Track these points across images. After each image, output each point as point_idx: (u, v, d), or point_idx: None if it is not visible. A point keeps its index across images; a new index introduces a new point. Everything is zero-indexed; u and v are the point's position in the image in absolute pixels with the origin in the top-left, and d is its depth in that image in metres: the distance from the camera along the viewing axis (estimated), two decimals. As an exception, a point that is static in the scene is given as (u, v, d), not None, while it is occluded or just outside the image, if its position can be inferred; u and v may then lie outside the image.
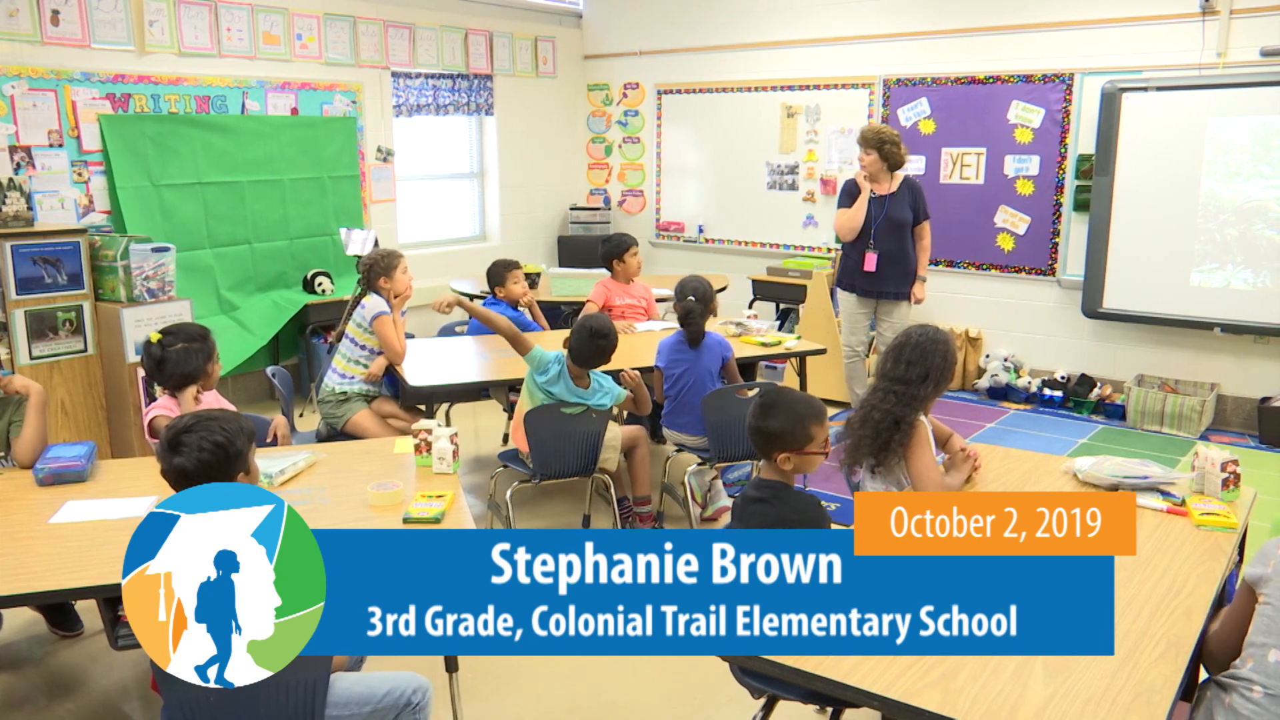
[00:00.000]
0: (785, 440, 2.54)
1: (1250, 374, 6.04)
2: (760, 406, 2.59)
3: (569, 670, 3.33)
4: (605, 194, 8.80)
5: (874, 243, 5.45)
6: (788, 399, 2.61)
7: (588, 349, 3.88)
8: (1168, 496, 2.86)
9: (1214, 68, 5.87)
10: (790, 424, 2.54)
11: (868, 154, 5.42)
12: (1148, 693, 1.88)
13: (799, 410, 2.57)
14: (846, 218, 5.50)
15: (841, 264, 5.73)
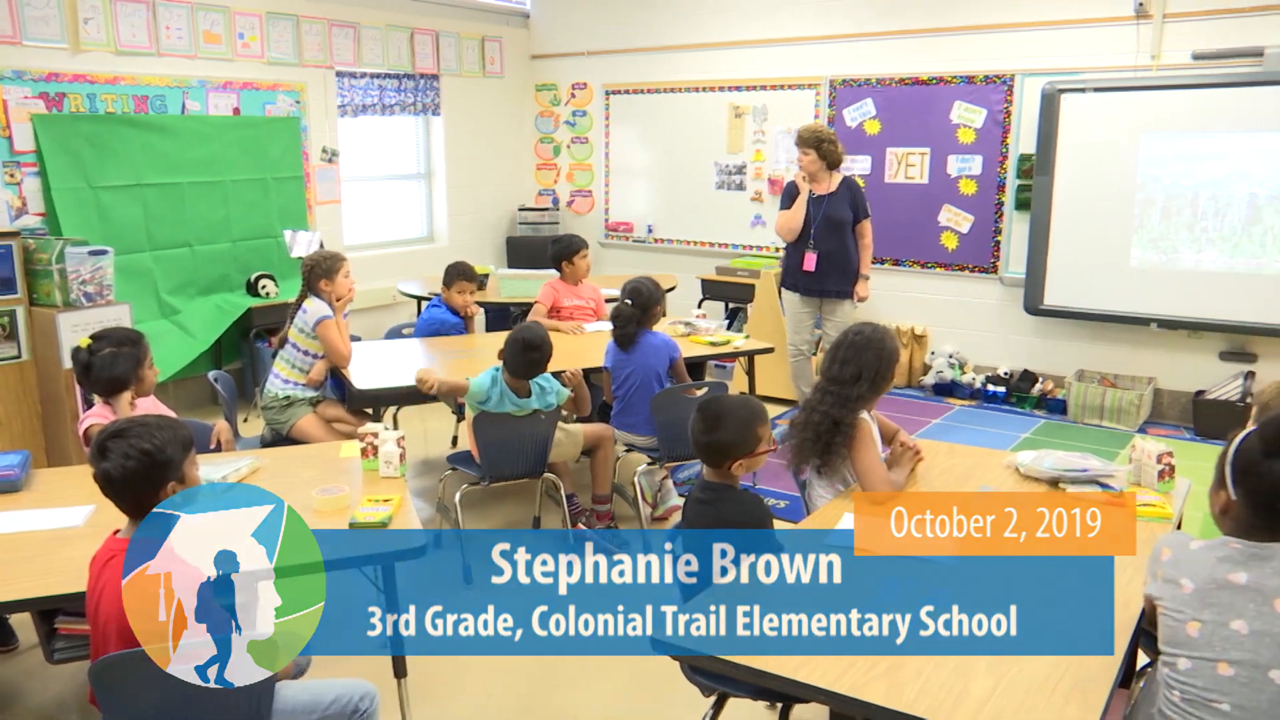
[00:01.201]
0: (737, 449, 2.57)
1: (1185, 368, 6.20)
2: (704, 420, 2.59)
3: (519, 672, 3.32)
4: (554, 194, 8.78)
5: (814, 242, 5.47)
6: (729, 407, 2.61)
7: (521, 361, 3.87)
8: (1107, 489, 2.92)
9: (1148, 70, 6.02)
10: (739, 433, 2.57)
11: (806, 153, 5.44)
12: (1086, 681, 1.92)
13: (743, 416, 2.59)
14: (786, 218, 5.54)
15: (784, 264, 5.76)
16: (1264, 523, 1.85)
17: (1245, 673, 1.78)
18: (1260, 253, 5.73)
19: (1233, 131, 5.71)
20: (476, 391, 3.89)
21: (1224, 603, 1.82)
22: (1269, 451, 1.82)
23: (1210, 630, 1.82)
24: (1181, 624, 1.86)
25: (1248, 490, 1.86)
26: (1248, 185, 5.71)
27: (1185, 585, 1.87)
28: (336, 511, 2.81)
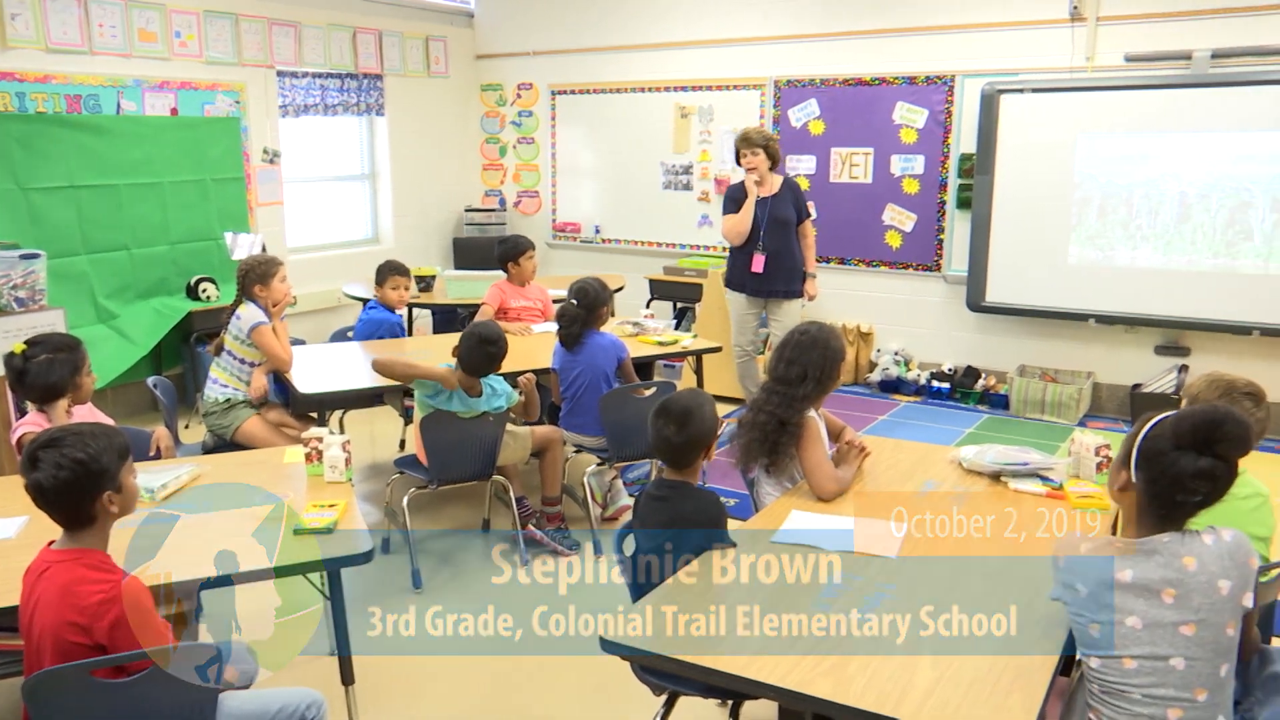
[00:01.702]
0: (709, 436, 2.63)
1: (1123, 362, 6.35)
2: (673, 422, 2.60)
3: (469, 676, 3.29)
4: (501, 195, 8.73)
5: (762, 244, 5.50)
6: (690, 404, 2.64)
7: (477, 357, 3.85)
8: (1047, 481, 2.98)
9: (1084, 71, 6.15)
10: (708, 423, 2.62)
11: (755, 154, 5.45)
12: (1028, 671, 1.95)
13: (700, 402, 2.65)
14: (735, 222, 5.51)
15: (730, 266, 5.74)
16: (1157, 510, 1.89)
17: (1148, 664, 1.84)
18: (1191, 250, 5.89)
19: (1164, 132, 5.86)
20: (428, 382, 3.86)
21: (1115, 603, 1.86)
22: (1178, 445, 1.85)
23: (1108, 630, 1.86)
24: (1084, 626, 1.90)
25: (1149, 477, 1.89)
26: (1179, 184, 5.86)
27: (1080, 589, 1.90)
28: (280, 518, 2.76)
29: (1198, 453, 1.83)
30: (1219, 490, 1.86)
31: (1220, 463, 1.83)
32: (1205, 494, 1.85)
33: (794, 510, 2.76)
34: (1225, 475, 1.84)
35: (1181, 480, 1.84)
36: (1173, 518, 1.90)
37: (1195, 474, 1.83)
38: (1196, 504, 1.87)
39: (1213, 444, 1.83)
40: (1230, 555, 1.86)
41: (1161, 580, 1.84)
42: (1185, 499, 1.86)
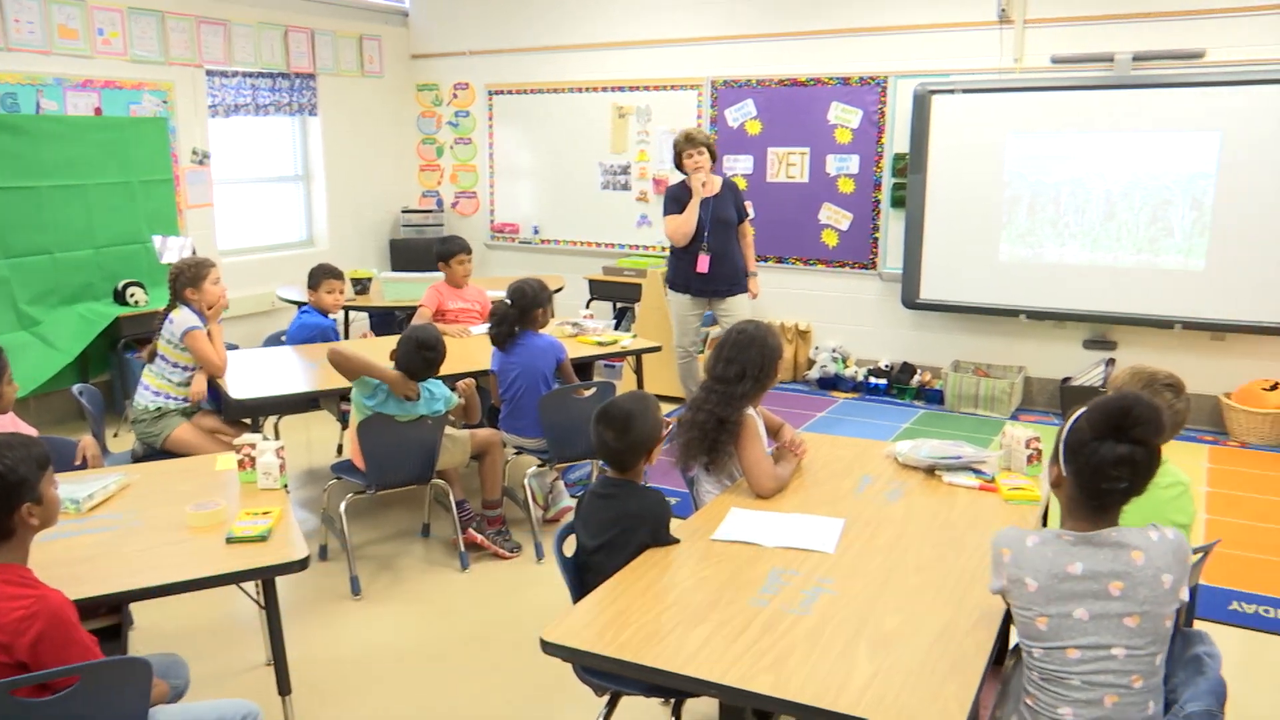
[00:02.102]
0: (651, 443, 2.64)
1: (1053, 356, 6.50)
2: (614, 427, 2.60)
3: (410, 681, 3.26)
4: (438, 196, 8.66)
5: (707, 244, 5.49)
6: (632, 408, 2.64)
7: (415, 362, 3.81)
8: (979, 474, 3.04)
9: (1012, 72, 6.28)
10: (649, 429, 2.63)
11: (701, 153, 5.44)
12: (963, 661, 1.99)
13: (644, 409, 2.64)
14: (681, 222, 5.47)
15: (673, 266, 5.71)
16: (1087, 500, 1.95)
17: (1091, 653, 1.89)
18: (1116, 246, 6.05)
19: (1089, 132, 6.01)
20: (367, 382, 3.81)
21: (1065, 594, 1.91)
22: (1096, 435, 1.91)
23: (1057, 622, 1.91)
24: (1031, 620, 1.94)
25: (1075, 469, 1.95)
26: (1104, 183, 6.02)
27: (1030, 584, 1.94)
28: (212, 527, 2.71)
29: (1115, 440, 1.88)
30: (1141, 475, 1.91)
31: (1138, 447, 1.88)
32: (1129, 480, 1.90)
33: (733, 508, 2.78)
34: (1145, 460, 1.89)
35: (1103, 468, 1.89)
36: (1103, 506, 1.95)
37: (1115, 461, 1.88)
38: (1123, 491, 1.92)
39: (1126, 430, 1.88)
40: (1174, 552, 1.92)
41: (1110, 573, 1.89)
42: (1110, 486, 1.91)
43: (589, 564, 2.55)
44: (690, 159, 5.44)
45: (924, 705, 1.83)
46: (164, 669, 2.39)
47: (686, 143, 5.46)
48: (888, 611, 2.19)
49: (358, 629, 3.64)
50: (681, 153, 5.49)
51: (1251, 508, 4.76)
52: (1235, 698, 3.06)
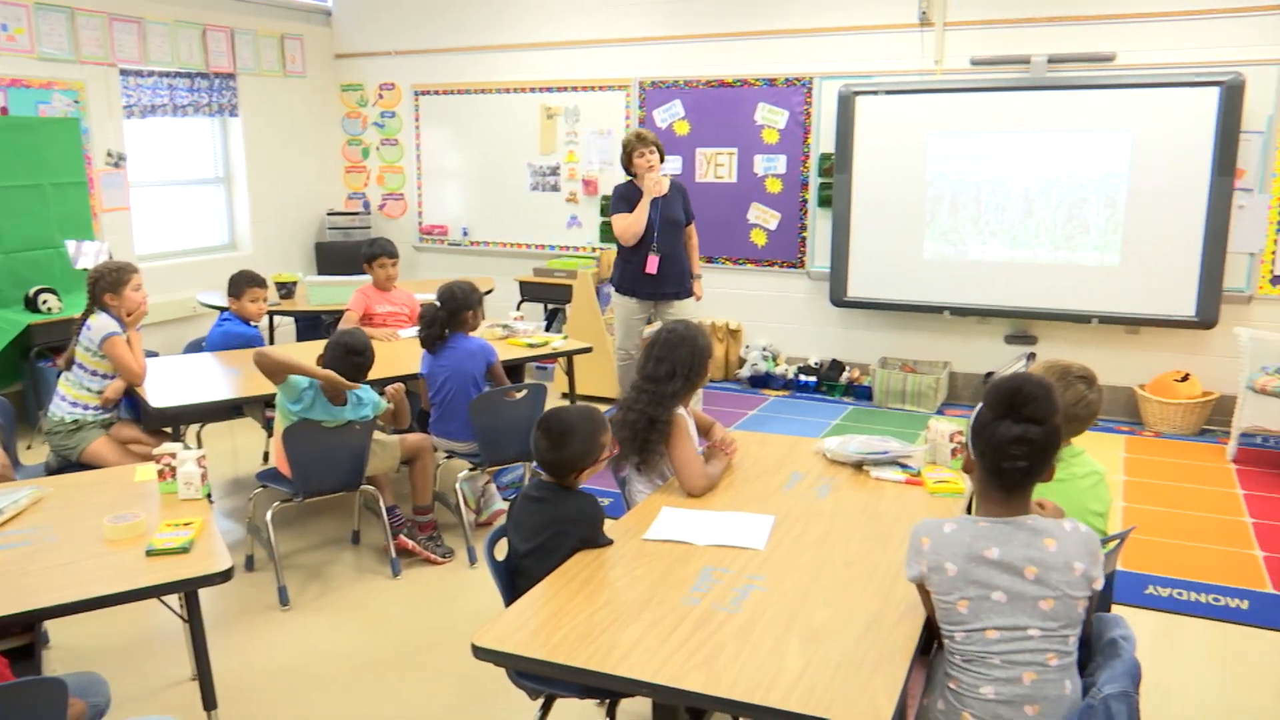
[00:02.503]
0: (582, 462, 2.62)
1: (976, 351, 6.65)
2: (549, 437, 2.59)
3: (341, 691, 3.21)
4: (364, 198, 8.53)
5: (656, 245, 5.40)
6: (573, 422, 2.62)
7: (344, 367, 3.75)
8: (906, 468, 3.09)
9: (933, 74, 6.41)
10: (585, 446, 2.61)
11: (652, 153, 5.35)
12: (891, 653, 2.02)
13: (587, 429, 2.62)
14: (631, 221, 5.36)
15: (618, 268, 5.60)
16: (994, 481, 2.03)
17: (1009, 634, 1.97)
18: (1035, 244, 6.22)
19: (1007, 132, 6.17)
20: (293, 386, 3.72)
21: (983, 578, 1.98)
22: (994, 416, 2.00)
23: (976, 604, 1.98)
24: (953, 604, 2.01)
25: (979, 451, 2.04)
26: (1022, 182, 6.18)
27: (949, 569, 2.01)
28: (131, 540, 2.63)
29: (1011, 419, 1.98)
30: (1039, 454, 1.98)
31: (1031, 425, 1.97)
32: (1027, 459, 1.98)
33: (665, 507, 2.79)
34: (1040, 438, 1.98)
35: (1002, 447, 1.98)
36: (1008, 487, 2.02)
37: (1012, 440, 1.97)
38: (1024, 470, 1.99)
39: (1018, 408, 1.98)
40: (1084, 543, 2.02)
41: (1024, 558, 1.97)
42: (1011, 465, 1.99)
43: (521, 568, 2.54)
44: (642, 158, 5.37)
45: (853, 696, 1.86)
46: (82, 688, 2.31)
47: (638, 141, 5.40)
48: (817, 606, 2.22)
49: (287, 640, 3.57)
50: (632, 151, 5.41)
51: (1166, 495, 4.93)
52: (1154, 677, 3.16)
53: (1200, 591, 3.85)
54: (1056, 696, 1.97)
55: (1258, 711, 3.06)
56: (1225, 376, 5.93)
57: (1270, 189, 5.81)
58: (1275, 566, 4.06)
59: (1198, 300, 5.89)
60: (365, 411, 3.88)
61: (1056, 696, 1.97)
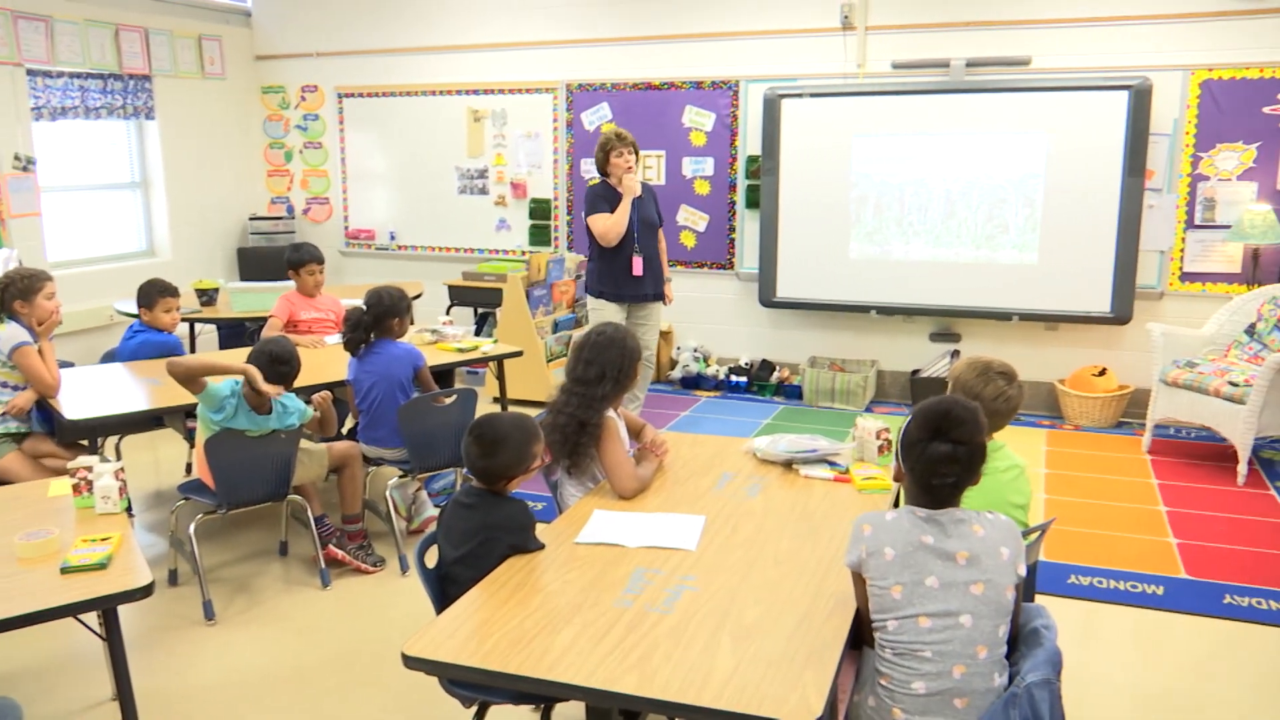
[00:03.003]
0: (513, 470, 2.61)
1: (902, 350, 6.78)
2: (480, 445, 2.58)
3: (270, 707, 3.14)
4: (288, 202, 8.37)
5: (638, 246, 5.30)
6: (504, 431, 2.61)
7: (269, 376, 3.67)
8: (834, 466, 3.14)
9: (856, 77, 6.52)
10: (516, 454, 2.60)
11: (630, 152, 5.26)
12: (821, 648, 2.05)
13: (519, 438, 2.61)
14: (614, 221, 5.21)
15: (594, 272, 5.44)
16: (924, 493, 2.13)
17: (940, 622, 2.03)
18: (957, 243, 6.36)
19: (928, 134, 6.30)
20: (213, 396, 3.62)
21: (919, 563, 2.06)
22: (923, 436, 2.10)
23: (910, 589, 2.05)
24: (887, 589, 2.06)
25: (909, 466, 2.14)
26: (944, 183, 6.32)
27: (888, 553, 2.08)
28: (44, 557, 2.54)
29: (940, 441, 2.07)
30: (966, 469, 2.09)
31: (960, 446, 2.08)
32: (957, 475, 2.09)
33: (596, 510, 2.79)
34: (968, 457, 2.09)
35: (933, 465, 2.08)
36: (939, 498, 2.11)
37: (942, 459, 2.07)
38: (952, 485, 2.10)
39: (947, 431, 2.08)
40: (1008, 530, 2.12)
41: (957, 546, 2.06)
42: (941, 481, 2.09)
43: (452, 575, 2.51)
44: (620, 157, 5.24)
45: (784, 693, 1.88)
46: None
47: (617, 141, 5.26)
48: (748, 604, 2.24)
49: (213, 655, 3.49)
50: (610, 151, 5.27)
51: (1086, 486, 5.07)
52: (1077, 664, 3.25)
53: (1119, 579, 3.97)
54: (985, 689, 2.02)
55: (1174, 693, 3.17)
56: (1140, 370, 6.13)
57: (1177, 189, 6.03)
58: (1188, 553, 4.21)
59: (1112, 297, 6.08)
60: (291, 420, 3.81)
61: (985, 689, 2.02)
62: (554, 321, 6.78)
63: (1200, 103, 5.90)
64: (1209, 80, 5.88)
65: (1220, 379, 5.15)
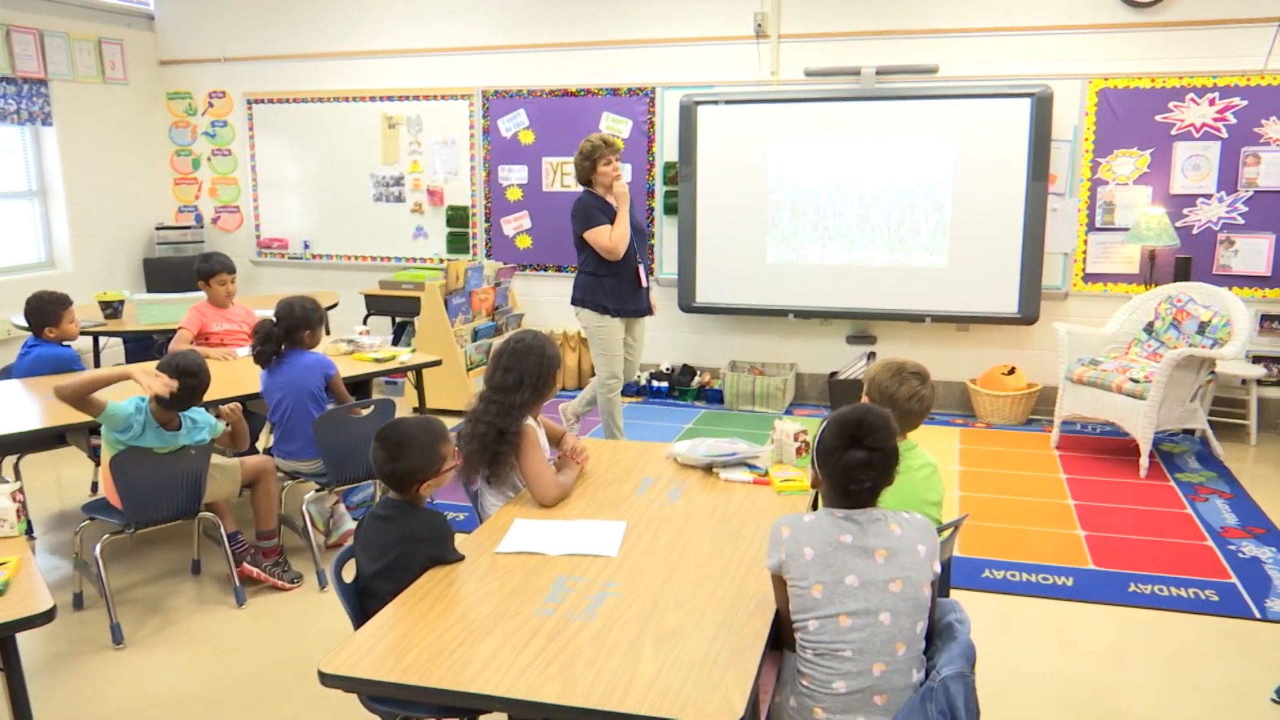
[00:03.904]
0: (423, 473, 2.57)
1: (820, 353, 6.88)
2: (386, 449, 2.55)
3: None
4: (197, 211, 8.14)
5: (638, 256, 5.10)
6: (410, 432, 2.58)
7: (177, 391, 3.55)
8: (754, 469, 3.17)
9: (770, 84, 6.61)
10: (423, 456, 2.56)
11: (618, 159, 5.06)
12: (742, 650, 2.07)
13: (425, 439, 2.58)
14: (619, 233, 4.94)
15: (597, 287, 5.07)
16: (842, 497, 2.17)
17: (860, 620, 2.06)
18: (870, 247, 6.49)
19: (841, 140, 6.42)
20: (115, 416, 3.49)
21: (839, 562, 2.09)
22: (838, 444, 2.14)
23: (830, 588, 2.08)
24: (807, 589, 2.09)
25: (826, 473, 2.19)
26: (857, 188, 6.44)
27: (807, 553, 2.11)
28: (-65, 584, 2.43)
29: (854, 448, 2.12)
30: (882, 473, 2.15)
31: (874, 453, 2.13)
32: (873, 479, 2.14)
33: (517, 519, 2.77)
34: (883, 461, 2.14)
35: (849, 472, 2.13)
36: (856, 501, 2.16)
37: (856, 465, 2.12)
38: (869, 488, 2.15)
39: (860, 439, 2.13)
40: (924, 528, 2.18)
41: (875, 544, 2.10)
42: (858, 486, 2.14)
43: (370, 589, 2.47)
44: (609, 165, 4.99)
45: (707, 695, 1.89)
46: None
47: (606, 148, 5.01)
48: (670, 608, 2.25)
49: (123, 681, 3.37)
50: (599, 159, 4.98)
51: (998, 482, 5.22)
52: (994, 655, 3.34)
53: (1031, 572, 4.09)
54: (904, 685, 2.06)
55: (1086, 680, 3.27)
56: (1047, 369, 6.33)
57: (1079, 193, 6.25)
58: (1095, 544, 4.36)
59: (1019, 298, 6.27)
60: (201, 435, 3.70)
61: (904, 685, 2.06)
62: (474, 329, 6.72)
63: (1098, 110, 6.13)
64: (1105, 89, 6.11)
65: (1122, 376, 5.35)
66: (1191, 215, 6.08)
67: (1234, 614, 3.71)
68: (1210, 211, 6.05)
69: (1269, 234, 5.98)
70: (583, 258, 5.10)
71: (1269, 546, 4.33)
